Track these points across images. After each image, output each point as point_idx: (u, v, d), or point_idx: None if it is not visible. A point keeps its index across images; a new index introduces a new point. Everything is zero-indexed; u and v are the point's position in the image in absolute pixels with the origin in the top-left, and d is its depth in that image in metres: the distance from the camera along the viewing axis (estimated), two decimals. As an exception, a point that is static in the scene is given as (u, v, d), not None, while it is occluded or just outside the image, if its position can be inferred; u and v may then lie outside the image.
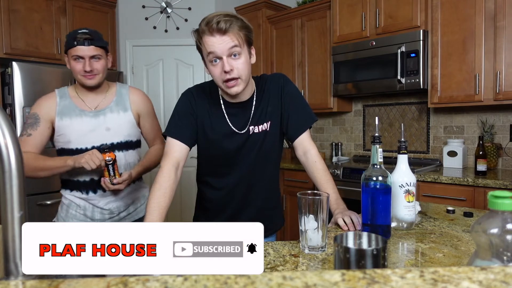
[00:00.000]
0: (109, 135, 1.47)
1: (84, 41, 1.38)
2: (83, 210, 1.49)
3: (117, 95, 1.53)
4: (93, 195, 1.48)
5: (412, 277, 0.39)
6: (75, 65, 1.41)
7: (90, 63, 1.40)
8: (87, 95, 1.49)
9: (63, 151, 1.47)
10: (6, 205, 0.57)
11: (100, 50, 1.42)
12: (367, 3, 2.93)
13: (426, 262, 0.93)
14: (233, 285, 0.38)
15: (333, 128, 3.69)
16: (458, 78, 2.54)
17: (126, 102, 1.52)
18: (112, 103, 1.50)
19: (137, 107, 1.55)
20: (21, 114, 2.82)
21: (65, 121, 1.44)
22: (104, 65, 1.45)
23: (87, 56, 1.39)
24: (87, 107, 1.47)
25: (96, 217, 1.50)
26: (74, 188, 1.49)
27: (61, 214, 1.53)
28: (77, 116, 1.44)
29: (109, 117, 1.47)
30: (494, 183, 2.19)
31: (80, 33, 1.39)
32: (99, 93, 1.50)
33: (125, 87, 1.58)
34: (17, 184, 0.58)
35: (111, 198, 1.51)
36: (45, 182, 2.90)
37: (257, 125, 1.26)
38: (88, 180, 1.47)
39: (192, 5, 3.68)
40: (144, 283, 0.40)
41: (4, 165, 0.57)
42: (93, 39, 1.40)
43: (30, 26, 3.05)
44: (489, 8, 2.39)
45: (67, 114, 1.44)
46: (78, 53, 1.39)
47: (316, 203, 0.98)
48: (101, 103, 1.49)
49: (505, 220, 0.51)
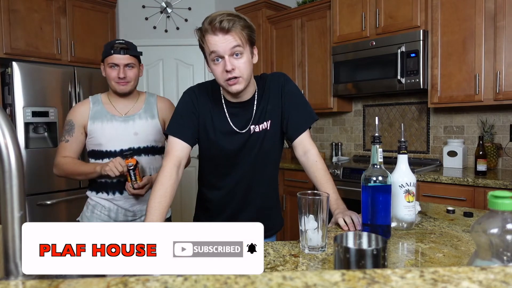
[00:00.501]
0: (137, 139, 1.56)
1: (120, 50, 1.50)
2: (108, 211, 1.56)
3: (146, 103, 1.63)
4: (119, 195, 1.56)
5: (412, 277, 0.39)
6: (110, 72, 1.52)
7: (124, 70, 1.51)
8: (118, 102, 1.59)
9: (93, 152, 1.57)
10: (6, 205, 0.57)
11: (133, 59, 1.54)
12: (367, 3, 2.93)
13: (426, 262, 0.93)
14: (233, 285, 0.38)
15: (333, 128, 3.69)
16: (458, 78, 2.54)
17: (154, 109, 1.63)
18: (141, 110, 1.61)
19: (163, 114, 1.64)
20: (21, 114, 2.82)
21: (96, 125, 1.54)
22: (136, 74, 1.56)
23: (122, 64, 1.51)
24: (118, 112, 1.58)
25: (119, 218, 1.57)
26: (101, 189, 1.57)
27: (86, 214, 1.59)
28: (108, 120, 1.55)
29: (137, 123, 1.57)
30: (494, 183, 2.19)
31: (117, 43, 1.52)
32: (129, 100, 1.61)
33: (154, 96, 1.69)
34: (17, 184, 0.58)
35: (136, 200, 1.58)
36: (45, 182, 2.91)
37: (258, 124, 1.25)
38: (115, 181, 1.55)
39: (192, 5, 3.68)
40: (144, 283, 0.40)
41: (4, 165, 0.57)
42: (128, 49, 1.52)
43: (30, 26, 3.05)
44: (489, 8, 2.39)
45: (99, 118, 1.54)
46: (114, 61, 1.50)
47: (316, 203, 0.98)
48: (131, 109, 1.60)
49: (505, 220, 0.51)
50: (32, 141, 2.90)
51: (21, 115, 2.82)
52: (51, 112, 2.96)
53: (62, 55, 3.23)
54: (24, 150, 2.83)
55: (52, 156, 3.06)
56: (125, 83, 1.53)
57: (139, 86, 1.71)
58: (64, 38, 3.25)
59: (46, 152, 2.93)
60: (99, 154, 1.55)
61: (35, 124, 2.92)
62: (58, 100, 3.01)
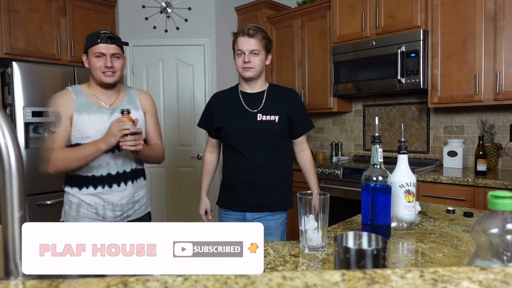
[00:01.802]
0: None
1: (107, 40, 1.48)
2: (95, 208, 1.53)
3: (127, 95, 1.63)
4: (108, 189, 1.52)
5: (412, 277, 0.39)
6: (95, 62, 1.49)
7: (111, 60, 1.49)
8: (102, 93, 1.56)
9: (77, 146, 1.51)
10: (6, 205, 0.57)
11: (119, 49, 1.53)
12: (367, 3, 2.93)
13: (426, 262, 0.93)
14: (233, 285, 0.38)
15: (333, 128, 3.69)
16: (458, 78, 2.54)
17: (136, 101, 1.63)
18: (125, 102, 1.60)
19: (145, 106, 1.65)
20: (21, 114, 2.82)
21: (83, 117, 1.49)
22: (122, 65, 1.55)
23: (109, 53, 1.49)
24: (102, 104, 1.55)
25: (107, 215, 1.54)
26: (86, 184, 1.52)
27: (71, 214, 1.54)
28: (95, 113, 1.51)
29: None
30: (494, 183, 2.19)
31: (103, 33, 1.50)
32: (113, 92, 1.58)
33: (134, 89, 1.68)
34: (17, 184, 0.58)
35: (123, 193, 1.55)
36: (45, 182, 2.90)
37: (265, 115, 1.60)
38: (105, 174, 1.52)
39: (192, 5, 3.68)
40: (144, 283, 0.40)
41: (4, 165, 0.57)
42: (115, 38, 1.52)
43: (30, 26, 3.04)
44: (489, 8, 2.39)
45: (85, 110, 1.50)
46: (101, 50, 1.48)
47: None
48: (115, 101, 1.58)
49: (505, 220, 0.51)
50: (32, 141, 2.90)
51: (21, 115, 2.82)
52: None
53: (62, 55, 3.23)
54: (24, 150, 2.83)
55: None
56: (111, 73, 1.50)
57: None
58: (64, 38, 3.25)
59: (46, 152, 2.93)
60: None
61: (35, 124, 2.92)
62: (58, 100, 3.01)
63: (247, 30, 1.55)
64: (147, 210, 1.68)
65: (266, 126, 1.59)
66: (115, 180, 1.53)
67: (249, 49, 1.56)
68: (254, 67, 1.58)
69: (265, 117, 1.59)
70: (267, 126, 1.59)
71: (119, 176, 1.54)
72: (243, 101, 1.64)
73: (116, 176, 1.53)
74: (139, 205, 1.63)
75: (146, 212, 1.67)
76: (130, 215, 1.59)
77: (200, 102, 3.75)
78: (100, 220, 1.53)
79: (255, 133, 1.60)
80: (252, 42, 1.56)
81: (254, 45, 1.56)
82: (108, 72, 1.50)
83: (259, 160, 1.61)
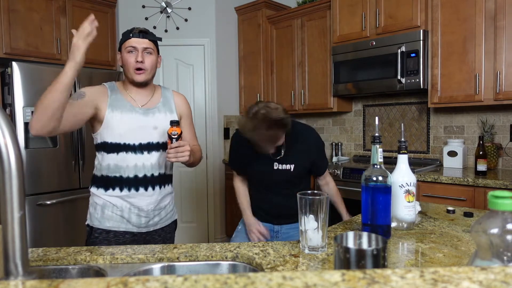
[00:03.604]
0: (156, 133, 1.50)
1: (139, 34, 1.46)
2: (120, 211, 1.47)
3: (163, 96, 1.59)
4: (135, 192, 1.47)
5: (412, 277, 0.39)
6: (128, 58, 1.46)
7: (142, 55, 1.46)
8: (136, 92, 1.53)
9: (106, 145, 1.46)
10: (6, 205, 0.57)
11: (152, 44, 1.50)
12: (367, 3, 2.93)
13: (426, 262, 0.93)
14: (233, 285, 0.38)
15: (333, 128, 3.69)
16: (458, 78, 2.54)
17: (172, 104, 1.59)
18: (160, 103, 1.56)
19: (180, 109, 1.62)
20: (21, 114, 2.82)
21: (115, 114, 1.45)
22: (154, 62, 1.51)
23: (141, 48, 1.46)
24: (136, 104, 1.51)
25: (132, 219, 1.48)
26: (112, 185, 1.47)
27: (96, 216, 1.49)
28: (128, 111, 1.47)
29: (157, 117, 1.52)
30: (494, 183, 2.19)
31: (136, 28, 1.48)
32: (147, 91, 1.55)
33: (169, 90, 1.65)
34: (17, 184, 0.58)
35: (150, 199, 1.50)
36: (45, 182, 2.91)
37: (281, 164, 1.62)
38: (132, 176, 1.46)
39: (192, 5, 3.68)
40: (144, 283, 0.40)
41: (4, 165, 0.57)
42: (147, 33, 1.49)
43: (30, 26, 3.04)
44: (489, 8, 2.39)
45: (118, 108, 1.46)
46: (132, 44, 1.46)
47: (316, 203, 0.98)
48: (149, 102, 1.54)
49: (505, 220, 0.51)
50: (32, 141, 2.90)
51: (21, 115, 2.82)
52: (51, 112, 2.96)
53: (62, 55, 3.23)
54: (24, 150, 2.83)
55: (52, 155, 3.04)
56: (142, 71, 1.46)
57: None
58: (64, 38, 3.25)
59: (46, 152, 2.93)
60: (115, 147, 1.45)
61: (35, 124, 2.92)
62: (58, 100, 3.01)
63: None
64: (174, 218, 1.64)
65: (281, 174, 1.63)
66: (142, 184, 1.47)
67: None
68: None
69: (281, 166, 1.62)
70: (282, 173, 1.63)
71: (146, 179, 1.48)
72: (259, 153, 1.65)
73: (143, 179, 1.47)
74: (166, 212, 1.58)
75: (173, 219, 1.63)
76: (156, 223, 1.54)
77: (200, 102, 3.76)
78: (125, 223, 1.48)
79: (272, 178, 1.65)
80: None
81: None
82: (138, 70, 1.46)
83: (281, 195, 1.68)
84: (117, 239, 1.47)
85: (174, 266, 1.01)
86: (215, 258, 1.02)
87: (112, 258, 1.01)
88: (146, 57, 1.47)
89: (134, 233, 1.49)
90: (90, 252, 1.05)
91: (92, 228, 1.48)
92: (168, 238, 1.60)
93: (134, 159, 1.46)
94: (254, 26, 3.82)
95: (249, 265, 1.00)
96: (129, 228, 1.48)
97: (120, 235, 1.47)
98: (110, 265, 1.00)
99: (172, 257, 1.02)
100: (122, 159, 1.45)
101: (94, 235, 1.46)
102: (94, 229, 1.47)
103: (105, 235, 1.46)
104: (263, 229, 1.69)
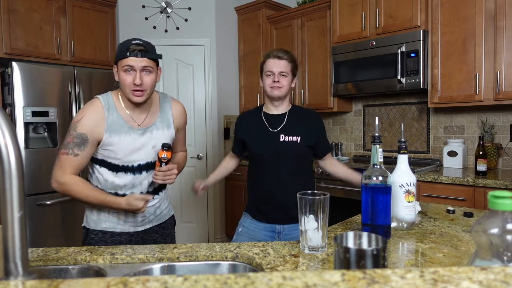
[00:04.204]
0: (154, 152, 1.47)
1: (137, 53, 1.34)
2: (117, 212, 1.46)
3: (161, 110, 1.53)
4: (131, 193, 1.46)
5: (412, 277, 0.39)
6: (125, 77, 1.36)
7: (141, 75, 1.35)
8: (133, 109, 1.45)
9: (106, 163, 1.44)
10: (6, 205, 0.57)
11: (152, 62, 1.38)
12: (367, 3, 2.93)
13: (426, 262, 0.93)
14: (233, 285, 0.38)
15: (333, 128, 3.69)
16: (458, 78, 2.54)
17: (169, 118, 1.54)
18: (158, 119, 1.50)
19: (178, 123, 1.58)
20: (21, 114, 2.82)
21: (114, 138, 1.40)
22: (153, 80, 1.40)
23: (139, 67, 1.35)
24: (134, 122, 1.45)
25: (129, 219, 1.48)
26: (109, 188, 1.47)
27: (92, 217, 1.48)
28: (126, 133, 1.42)
29: (155, 135, 1.47)
30: (494, 183, 2.19)
31: (134, 44, 1.35)
32: (144, 107, 1.47)
33: (167, 101, 1.57)
34: (17, 184, 0.58)
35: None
36: (45, 182, 2.90)
37: (287, 136, 1.66)
38: (128, 193, 1.46)
39: (192, 5, 3.68)
40: (144, 283, 0.40)
41: (4, 165, 0.57)
42: (147, 51, 1.36)
43: (30, 26, 3.04)
44: (489, 8, 2.39)
45: (116, 131, 1.41)
46: (130, 63, 1.34)
47: (316, 203, 0.98)
48: (146, 119, 1.48)
49: (505, 220, 0.51)
50: (32, 141, 2.90)
51: (21, 115, 2.82)
52: (51, 112, 2.96)
53: (62, 55, 3.23)
54: (24, 150, 2.83)
55: (52, 155, 3.04)
56: (140, 93, 1.36)
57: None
58: (64, 38, 3.25)
59: (46, 152, 2.93)
60: (114, 167, 1.44)
61: (35, 124, 2.92)
62: (58, 100, 3.01)
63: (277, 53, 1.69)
64: (171, 214, 1.65)
65: (289, 146, 1.66)
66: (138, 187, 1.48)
67: (278, 70, 1.66)
68: (282, 86, 1.67)
69: (288, 137, 1.66)
70: (290, 146, 1.66)
71: (142, 193, 1.47)
72: (266, 121, 1.72)
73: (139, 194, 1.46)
74: (160, 210, 1.58)
75: (169, 215, 1.63)
76: (152, 220, 1.54)
77: (200, 102, 3.76)
78: (121, 224, 1.47)
79: (279, 152, 1.67)
80: (282, 64, 1.66)
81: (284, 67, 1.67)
82: (137, 91, 1.36)
83: (285, 177, 1.68)
84: (114, 240, 1.47)
85: (174, 266, 1.02)
86: (215, 258, 1.03)
87: (112, 258, 1.01)
88: (145, 77, 1.36)
89: (130, 233, 1.49)
90: (90, 252, 1.05)
91: (88, 229, 1.48)
92: (167, 234, 1.61)
93: (132, 179, 1.45)
94: (254, 26, 3.82)
95: (249, 265, 1.00)
96: (126, 229, 1.48)
97: (116, 236, 1.47)
98: (110, 265, 1.00)
99: (172, 257, 1.02)
100: (119, 178, 1.44)
101: (90, 236, 1.46)
102: (90, 230, 1.47)
103: (101, 236, 1.46)
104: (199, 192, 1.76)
